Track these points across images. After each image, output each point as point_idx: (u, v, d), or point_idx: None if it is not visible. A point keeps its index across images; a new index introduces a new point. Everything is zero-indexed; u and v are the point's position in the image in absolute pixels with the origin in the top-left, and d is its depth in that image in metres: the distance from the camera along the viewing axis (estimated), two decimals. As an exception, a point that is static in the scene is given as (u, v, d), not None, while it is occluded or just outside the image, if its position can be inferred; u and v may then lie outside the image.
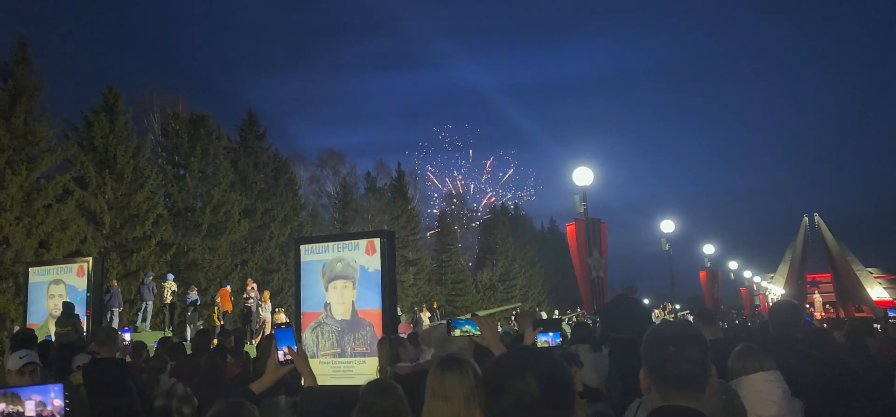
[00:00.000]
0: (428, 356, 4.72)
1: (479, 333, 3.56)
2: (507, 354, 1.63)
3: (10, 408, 2.21)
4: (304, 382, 3.08)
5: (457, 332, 3.62)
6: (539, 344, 3.86)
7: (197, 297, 22.08)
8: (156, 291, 21.21)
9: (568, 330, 11.96)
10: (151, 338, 14.16)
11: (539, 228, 76.71)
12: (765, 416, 3.40)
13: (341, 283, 7.89)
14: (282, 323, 3.09)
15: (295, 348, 3.02)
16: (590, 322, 12.72)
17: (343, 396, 3.61)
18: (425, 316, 31.49)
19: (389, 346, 5.21)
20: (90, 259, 10.89)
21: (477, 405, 2.82)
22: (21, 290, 18.83)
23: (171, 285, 21.44)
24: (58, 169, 23.30)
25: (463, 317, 3.82)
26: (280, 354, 3.00)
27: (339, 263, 7.91)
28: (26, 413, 2.21)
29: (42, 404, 2.21)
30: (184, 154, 29.83)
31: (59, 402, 2.22)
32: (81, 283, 10.56)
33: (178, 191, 28.99)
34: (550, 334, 3.97)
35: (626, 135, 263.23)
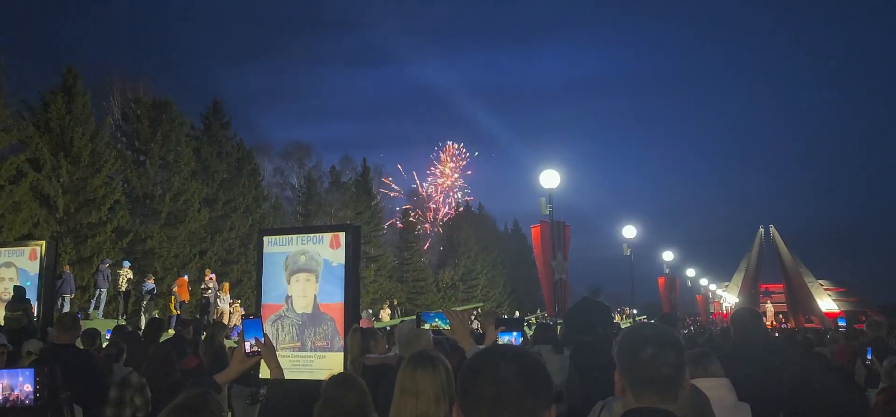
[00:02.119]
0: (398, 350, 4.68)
1: (449, 328, 3.52)
2: (483, 350, 1.59)
3: None
4: (270, 374, 3.01)
5: (426, 326, 3.58)
6: (500, 344, 3.84)
7: (154, 286, 21.63)
8: (111, 279, 20.66)
9: (528, 331, 12.02)
10: (104, 326, 13.81)
11: (502, 229, 77.02)
12: None
13: (304, 276, 7.77)
14: (249, 314, 2.99)
15: (262, 339, 2.94)
16: (552, 323, 12.80)
17: (307, 389, 3.54)
18: (385, 313, 31.41)
19: (360, 337, 5.13)
20: (43, 242, 10.52)
21: (447, 402, 2.79)
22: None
23: (126, 273, 20.89)
24: (11, 150, 22.59)
25: (434, 311, 3.77)
26: (247, 345, 2.93)
27: (302, 256, 7.78)
28: None
29: (9, 388, 2.07)
30: (144, 139, 29.16)
31: (28, 387, 2.09)
32: (33, 267, 10.19)
33: (137, 177, 28.35)
34: (514, 333, 3.95)
35: (590, 140, 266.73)
